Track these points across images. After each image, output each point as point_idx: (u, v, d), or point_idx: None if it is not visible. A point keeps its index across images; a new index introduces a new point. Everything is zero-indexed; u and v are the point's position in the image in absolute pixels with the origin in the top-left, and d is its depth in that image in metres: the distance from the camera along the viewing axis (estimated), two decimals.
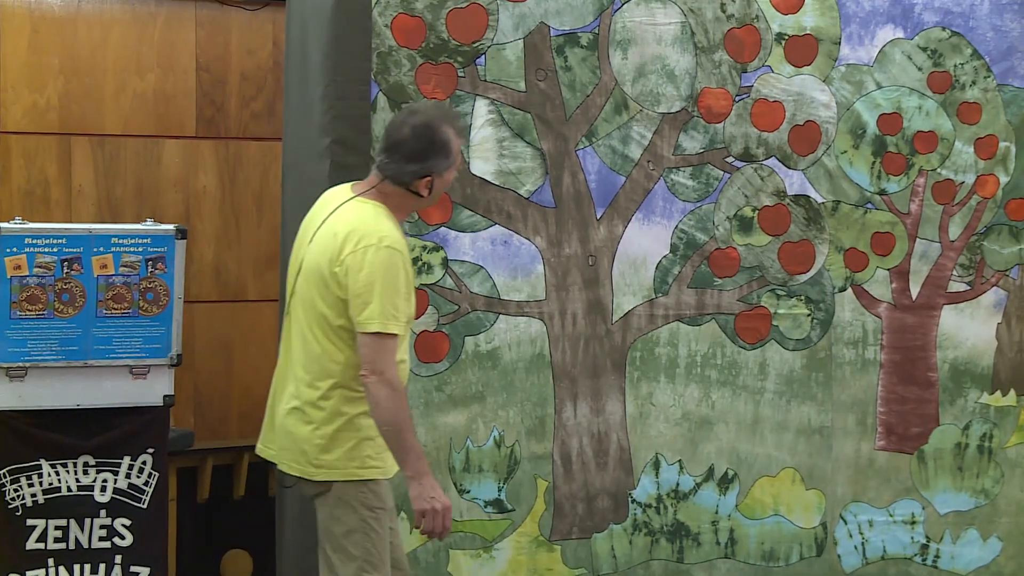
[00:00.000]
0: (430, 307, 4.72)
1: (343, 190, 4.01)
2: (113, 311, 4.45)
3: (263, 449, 4.06)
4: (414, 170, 3.87)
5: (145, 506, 4.56)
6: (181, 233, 4.54)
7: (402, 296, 3.78)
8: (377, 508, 3.87)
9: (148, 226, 4.54)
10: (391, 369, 3.76)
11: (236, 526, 5.49)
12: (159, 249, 4.50)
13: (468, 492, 4.77)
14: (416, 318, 4.59)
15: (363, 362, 3.76)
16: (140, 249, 4.47)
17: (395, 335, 3.75)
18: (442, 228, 4.70)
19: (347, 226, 3.82)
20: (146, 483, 4.56)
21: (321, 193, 4.37)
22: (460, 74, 4.67)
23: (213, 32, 5.49)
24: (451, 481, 4.73)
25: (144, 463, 4.55)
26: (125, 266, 4.45)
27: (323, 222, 3.91)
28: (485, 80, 4.69)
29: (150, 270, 4.48)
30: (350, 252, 3.77)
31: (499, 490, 4.80)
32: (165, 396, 4.56)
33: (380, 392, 3.73)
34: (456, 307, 4.73)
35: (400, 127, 3.90)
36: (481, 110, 4.72)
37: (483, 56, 4.69)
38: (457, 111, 4.66)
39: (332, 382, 3.83)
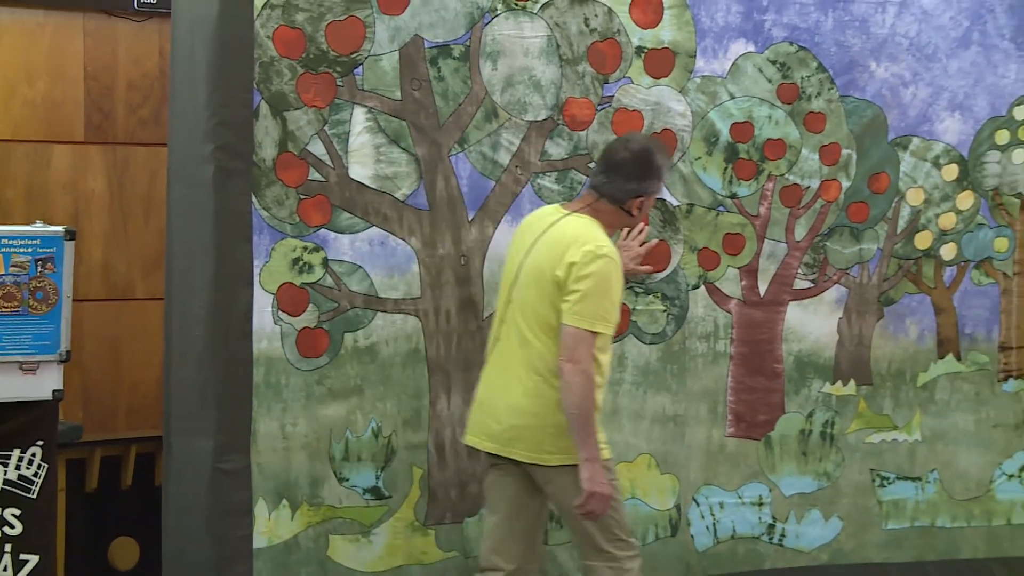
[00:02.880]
0: (311, 305, 4.68)
1: (554, 209, 4.44)
2: (3, 309, 4.44)
3: (476, 441, 4.42)
4: (632, 189, 4.30)
5: (34, 496, 4.53)
6: (70, 234, 4.53)
7: (613, 302, 4.15)
8: (611, 481, 4.29)
9: (38, 227, 4.52)
10: (588, 360, 4.14)
11: (123, 515, 5.52)
12: (48, 250, 4.48)
13: (347, 480, 4.77)
14: (297, 315, 4.68)
15: (563, 349, 4.14)
16: (30, 250, 4.46)
17: (598, 333, 4.11)
18: (322, 230, 4.70)
19: (570, 235, 4.22)
20: (35, 474, 4.53)
21: (206, 195, 4.50)
22: (339, 83, 4.67)
23: (100, 42, 5.51)
24: (331, 470, 4.75)
25: (33, 455, 4.53)
26: (15, 266, 4.44)
27: (541, 235, 4.28)
28: (363, 89, 4.71)
29: (39, 270, 4.47)
30: (573, 257, 4.15)
31: (377, 478, 4.82)
32: (54, 391, 4.53)
33: (574, 379, 4.13)
34: (336, 305, 4.73)
35: (619, 151, 4.35)
36: (359, 118, 4.72)
37: (361, 66, 4.70)
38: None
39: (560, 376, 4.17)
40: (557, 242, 4.28)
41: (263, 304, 4.66)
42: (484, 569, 4.48)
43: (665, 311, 5.20)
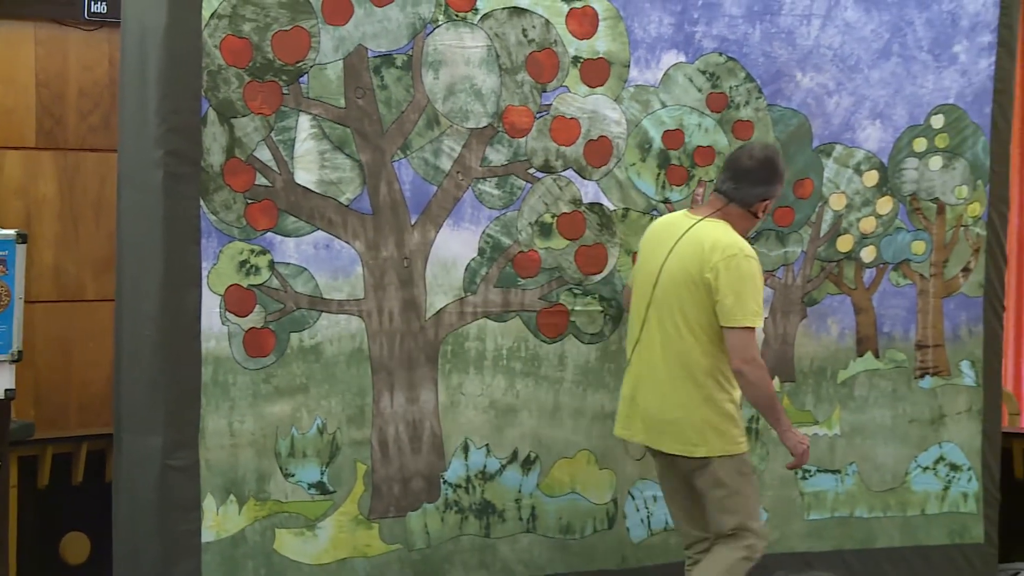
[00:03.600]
0: (257, 306, 4.69)
1: (683, 215, 4.77)
2: None
3: (627, 434, 4.68)
4: (759, 193, 4.56)
5: None
6: (22, 238, 4.54)
7: (761, 297, 4.38)
8: (747, 473, 4.65)
9: None
10: (758, 353, 4.53)
11: (75, 510, 5.51)
12: (0, 253, 4.50)
13: (293, 476, 4.79)
14: (244, 316, 4.69)
15: (735, 352, 4.40)
16: None
17: (755, 328, 4.34)
18: (269, 233, 4.71)
19: (711, 239, 4.48)
20: None
21: (155, 200, 4.50)
22: (284, 91, 4.68)
23: (52, 50, 5.55)
24: (277, 466, 4.77)
25: None
26: None
27: (679, 239, 4.51)
28: (308, 97, 4.74)
29: None
30: (719, 259, 4.42)
31: (322, 473, 4.84)
32: (6, 390, 4.56)
33: (756, 375, 4.42)
34: (282, 305, 4.75)
35: (744, 160, 4.59)
36: (304, 125, 4.74)
37: (306, 75, 4.71)
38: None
39: (705, 373, 4.45)
40: (700, 245, 4.54)
41: (211, 305, 4.67)
42: (689, 545, 4.83)
43: (603, 312, 5.27)
